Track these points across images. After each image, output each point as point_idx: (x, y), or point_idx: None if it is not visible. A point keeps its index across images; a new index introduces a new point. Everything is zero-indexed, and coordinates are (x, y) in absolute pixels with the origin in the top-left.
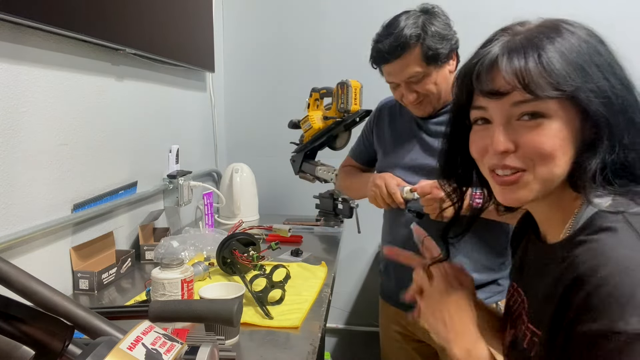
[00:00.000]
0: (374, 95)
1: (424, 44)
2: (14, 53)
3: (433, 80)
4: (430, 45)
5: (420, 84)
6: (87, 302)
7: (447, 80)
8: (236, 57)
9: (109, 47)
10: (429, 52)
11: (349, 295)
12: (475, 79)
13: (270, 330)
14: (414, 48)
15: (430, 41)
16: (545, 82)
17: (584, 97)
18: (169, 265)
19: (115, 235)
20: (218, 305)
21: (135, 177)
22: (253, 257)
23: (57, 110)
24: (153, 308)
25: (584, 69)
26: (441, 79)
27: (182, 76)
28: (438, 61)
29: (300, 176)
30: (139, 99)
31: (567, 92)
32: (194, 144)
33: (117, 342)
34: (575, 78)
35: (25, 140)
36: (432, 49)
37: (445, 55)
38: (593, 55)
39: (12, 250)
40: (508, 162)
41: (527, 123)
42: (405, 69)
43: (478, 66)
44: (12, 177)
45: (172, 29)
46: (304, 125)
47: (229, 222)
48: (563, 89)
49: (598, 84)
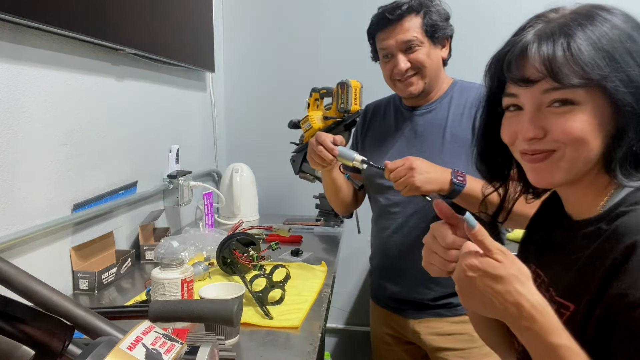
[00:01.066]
0: (374, 95)
1: (427, 14)
2: (14, 53)
3: (427, 53)
4: (432, 17)
5: (414, 53)
6: (87, 302)
7: (439, 63)
8: (236, 57)
9: (109, 47)
10: (430, 22)
11: (349, 295)
12: (506, 66)
13: (270, 330)
14: (416, 15)
15: (433, 14)
16: (572, 71)
17: (611, 87)
18: (169, 265)
19: (115, 235)
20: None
21: (135, 177)
22: (253, 257)
23: (57, 110)
24: (153, 308)
25: (614, 57)
26: (435, 57)
27: (182, 76)
28: (436, 35)
29: (300, 176)
30: (139, 99)
31: (593, 81)
32: (194, 144)
33: (117, 342)
34: (603, 66)
35: (25, 140)
36: (433, 20)
37: (443, 34)
38: (626, 43)
39: (12, 250)
40: (537, 146)
41: (557, 110)
42: (405, 32)
43: (509, 54)
44: (12, 177)
45: (172, 29)
46: (304, 125)
47: (229, 222)
48: (590, 78)
49: (629, 73)
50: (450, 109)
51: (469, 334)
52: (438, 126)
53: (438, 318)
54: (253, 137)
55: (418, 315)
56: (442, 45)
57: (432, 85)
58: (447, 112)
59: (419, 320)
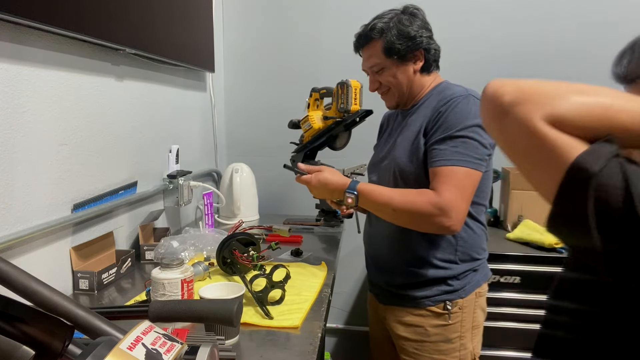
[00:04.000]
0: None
1: (385, 38)
2: (14, 53)
3: (392, 74)
4: (389, 40)
5: (381, 75)
6: (87, 302)
7: (408, 77)
8: (236, 57)
9: (109, 47)
10: (389, 45)
11: (349, 295)
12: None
13: (270, 330)
14: (377, 41)
15: (391, 37)
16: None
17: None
18: (169, 265)
19: (115, 235)
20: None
21: (135, 177)
22: (253, 257)
23: (57, 110)
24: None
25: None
26: (402, 75)
27: (182, 76)
28: (396, 56)
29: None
30: (139, 99)
31: None
32: (194, 144)
33: (117, 342)
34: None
35: (25, 140)
36: (390, 43)
37: (404, 52)
38: None
39: (12, 250)
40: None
41: None
42: (369, 58)
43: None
44: (12, 177)
45: (172, 29)
46: (304, 125)
47: (229, 222)
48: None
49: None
50: (422, 110)
51: (424, 328)
52: (409, 127)
53: (400, 307)
54: (253, 137)
55: (385, 300)
56: (413, 60)
57: (408, 97)
58: (419, 114)
59: (386, 306)
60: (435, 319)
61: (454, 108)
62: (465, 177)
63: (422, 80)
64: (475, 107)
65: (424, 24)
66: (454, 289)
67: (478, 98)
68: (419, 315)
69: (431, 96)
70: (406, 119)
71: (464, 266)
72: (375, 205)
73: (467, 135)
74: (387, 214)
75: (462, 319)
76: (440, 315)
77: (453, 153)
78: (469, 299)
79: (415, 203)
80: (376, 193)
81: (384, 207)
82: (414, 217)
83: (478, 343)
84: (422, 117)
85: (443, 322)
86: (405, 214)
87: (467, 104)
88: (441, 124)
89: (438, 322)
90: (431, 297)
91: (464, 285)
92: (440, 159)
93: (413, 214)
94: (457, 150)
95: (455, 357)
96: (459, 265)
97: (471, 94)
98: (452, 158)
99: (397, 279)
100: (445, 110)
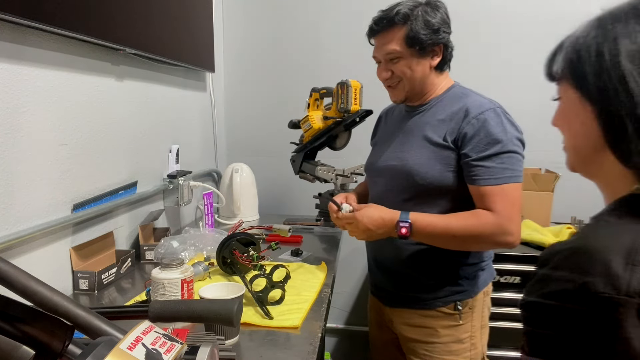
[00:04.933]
0: (374, 95)
1: (410, 25)
2: (14, 53)
3: (409, 65)
4: (414, 28)
5: (397, 64)
6: (87, 302)
7: (424, 72)
8: (236, 57)
9: (109, 47)
10: (413, 34)
11: (349, 295)
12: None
13: (270, 330)
14: (400, 27)
15: (416, 25)
16: None
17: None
18: (169, 265)
19: (115, 235)
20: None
21: (135, 177)
22: (253, 257)
23: (57, 110)
24: (153, 308)
25: None
26: (418, 67)
27: (182, 76)
28: (418, 47)
29: (300, 176)
30: (139, 99)
31: None
32: (194, 144)
33: (117, 342)
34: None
35: (25, 140)
36: (415, 32)
37: (426, 44)
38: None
39: (12, 250)
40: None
41: None
42: (387, 44)
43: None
44: (12, 177)
45: (172, 29)
46: (304, 125)
47: (229, 222)
48: None
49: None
50: (435, 113)
51: (434, 329)
52: (419, 129)
53: (408, 309)
54: (253, 137)
55: (392, 303)
56: (431, 54)
57: (418, 93)
58: (432, 116)
59: (393, 308)
60: (445, 319)
61: (490, 121)
62: (515, 192)
63: (435, 79)
64: (506, 118)
65: (446, 18)
66: (463, 289)
67: (502, 108)
68: (428, 317)
69: (444, 99)
70: (414, 119)
71: (473, 266)
72: (432, 234)
73: (512, 150)
74: (445, 241)
75: (472, 318)
76: (450, 316)
77: (502, 170)
78: (478, 298)
79: (476, 226)
80: (433, 222)
81: (442, 235)
82: (476, 240)
83: (485, 342)
84: (437, 122)
85: (454, 323)
86: (467, 238)
87: (498, 116)
88: (481, 139)
89: (449, 323)
90: (441, 297)
91: (473, 285)
92: (489, 177)
93: (475, 237)
94: (505, 167)
95: (467, 357)
96: (468, 265)
97: (496, 106)
98: (502, 175)
99: (406, 282)
100: (479, 125)
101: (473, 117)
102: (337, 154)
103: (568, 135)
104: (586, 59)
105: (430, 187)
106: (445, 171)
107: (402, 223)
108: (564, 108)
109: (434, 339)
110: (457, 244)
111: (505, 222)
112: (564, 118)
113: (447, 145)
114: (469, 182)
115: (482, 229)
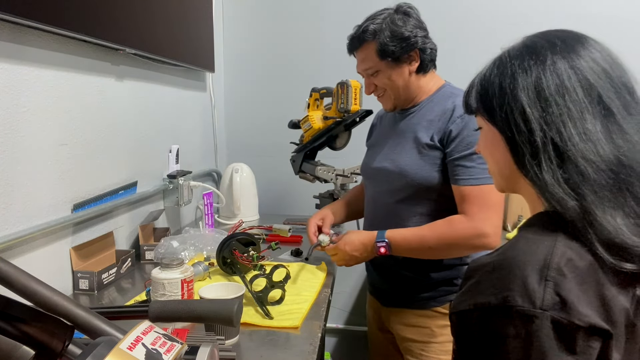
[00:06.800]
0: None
1: (379, 40)
2: (14, 53)
3: (387, 76)
4: (383, 42)
5: (376, 77)
6: (87, 302)
7: (405, 79)
8: (236, 57)
9: (109, 47)
10: (381, 47)
11: (349, 295)
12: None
13: (270, 330)
14: (370, 42)
15: (384, 38)
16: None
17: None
18: (169, 265)
19: (115, 235)
20: (218, 305)
21: (135, 177)
22: (253, 257)
23: (57, 110)
24: (153, 308)
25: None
26: (398, 77)
27: (182, 76)
28: (390, 58)
29: (300, 176)
30: (139, 99)
31: None
32: (194, 144)
33: (117, 342)
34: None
35: (25, 140)
36: (383, 45)
37: (398, 54)
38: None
39: (12, 250)
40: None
41: None
42: (363, 61)
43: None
44: (12, 177)
45: (172, 29)
46: (304, 125)
47: (229, 222)
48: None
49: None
50: (425, 114)
51: (430, 329)
52: (410, 131)
53: (404, 309)
54: (253, 137)
55: (389, 303)
56: (407, 61)
57: (406, 99)
58: (422, 117)
59: (389, 308)
60: (441, 319)
61: (474, 121)
62: (495, 193)
63: (419, 81)
64: None
65: (419, 22)
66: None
67: None
68: (424, 317)
69: (433, 100)
70: (405, 121)
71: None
72: (408, 249)
73: None
74: (422, 253)
75: None
76: (446, 316)
77: (482, 170)
78: None
79: (450, 234)
80: (406, 237)
81: (419, 248)
82: (453, 247)
83: None
84: (426, 122)
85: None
86: (443, 247)
87: None
88: (463, 138)
89: (444, 323)
90: (437, 297)
91: None
92: (469, 177)
93: (451, 245)
94: (486, 167)
95: None
96: (463, 265)
97: None
98: (482, 176)
99: (401, 282)
100: (463, 124)
101: (458, 117)
102: (337, 154)
103: (491, 161)
104: (492, 94)
105: (420, 188)
106: (433, 171)
107: (380, 243)
108: (484, 137)
109: (430, 338)
110: (436, 254)
111: (479, 225)
112: (485, 146)
113: (434, 145)
114: (452, 182)
115: (456, 236)
